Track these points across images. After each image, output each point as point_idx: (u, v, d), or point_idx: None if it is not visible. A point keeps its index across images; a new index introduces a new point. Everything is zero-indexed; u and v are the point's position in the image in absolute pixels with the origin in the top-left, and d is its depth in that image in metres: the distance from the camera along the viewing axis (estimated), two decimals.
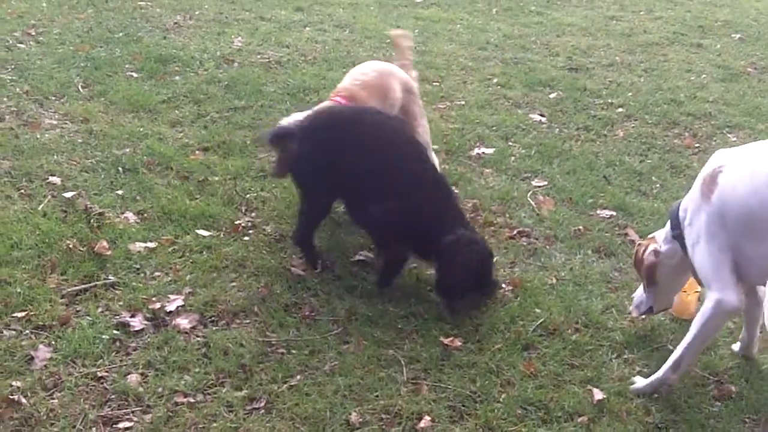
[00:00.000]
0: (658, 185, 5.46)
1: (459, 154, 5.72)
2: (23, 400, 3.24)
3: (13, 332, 3.63)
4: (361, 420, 3.30)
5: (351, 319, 3.90)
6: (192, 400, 3.33)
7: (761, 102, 7.05)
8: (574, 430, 3.35)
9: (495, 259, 4.27)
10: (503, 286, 4.25)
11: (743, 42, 8.89)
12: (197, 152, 5.42)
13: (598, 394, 3.50)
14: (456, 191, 5.13)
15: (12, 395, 3.25)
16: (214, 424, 3.22)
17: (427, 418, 3.33)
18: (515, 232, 4.76)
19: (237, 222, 4.62)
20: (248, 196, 4.93)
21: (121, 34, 7.60)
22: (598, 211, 5.07)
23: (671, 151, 5.99)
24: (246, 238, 4.51)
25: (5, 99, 5.97)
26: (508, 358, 3.72)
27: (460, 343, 3.79)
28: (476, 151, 5.78)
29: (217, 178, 5.09)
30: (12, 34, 7.34)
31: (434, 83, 7.05)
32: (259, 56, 7.35)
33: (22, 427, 3.15)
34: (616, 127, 6.37)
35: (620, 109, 6.71)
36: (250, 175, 5.18)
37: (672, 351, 3.56)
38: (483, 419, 3.35)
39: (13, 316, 3.72)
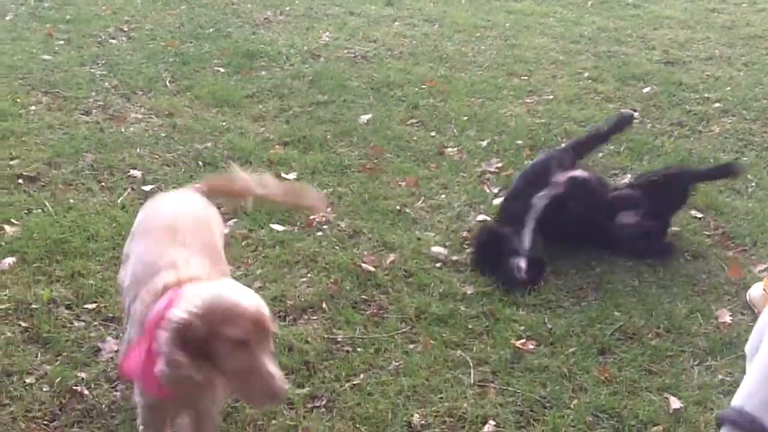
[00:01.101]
0: (753, 184, 5.18)
1: (544, 150, 5.54)
2: (86, 392, 3.26)
3: (83, 323, 3.66)
4: (423, 422, 3.20)
5: (420, 318, 3.80)
6: None
7: None
8: None
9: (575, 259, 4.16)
10: (583, 285, 4.11)
11: None
12: (277, 146, 5.41)
13: (676, 403, 3.32)
14: None
15: (76, 386, 3.27)
16: (273, 422, 3.17)
17: (492, 422, 3.21)
18: None
19: (312, 217, 4.57)
20: (325, 190, 4.88)
21: (211, 30, 7.68)
22: (689, 211, 4.83)
23: None
24: (319, 233, 4.46)
25: (93, 93, 6.08)
26: (582, 362, 3.56)
27: (532, 346, 3.65)
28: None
29: (295, 173, 5.06)
30: (105, 30, 7.49)
31: (522, 77, 6.88)
32: (345, 51, 7.31)
33: (84, 418, 3.16)
34: (711, 123, 6.09)
35: (717, 104, 6.41)
36: (328, 170, 5.13)
37: None
38: (551, 426, 3.21)
39: (84, 308, 3.76)
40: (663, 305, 3.97)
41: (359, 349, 3.59)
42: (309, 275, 4.10)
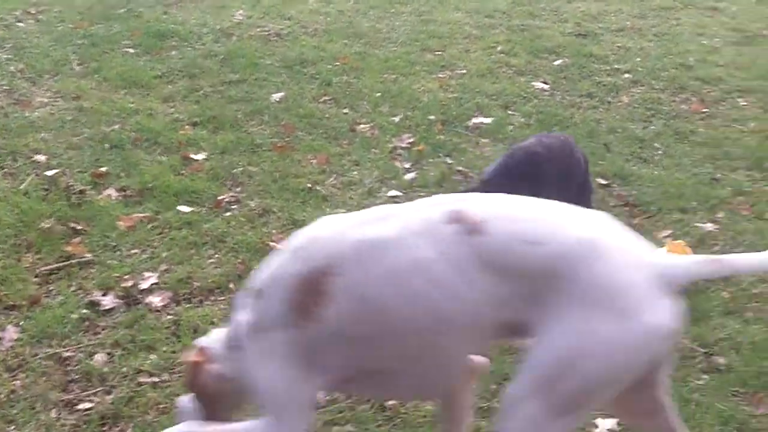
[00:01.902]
0: (660, 152, 5.28)
1: (456, 125, 5.58)
2: None
3: None
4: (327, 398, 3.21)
5: None
6: (156, 380, 3.25)
7: None
8: None
9: None
10: None
11: (762, 3, 8.61)
12: (187, 127, 5.34)
13: None
14: (450, 162, 5.04)
15: None
16: None
17: None
18: None
19: (220, 197, 4.53)
20: (234, 170, 4.84)
21: (122, 11, 7.54)
22: (596, 179, 4.90)
23: (677, 117, 5.80)
24: (228, 213, 4.42)
25: None
26: None
27: None
28: (474, 120, 5.63)
29: (205, 153, 5.01)
30: (12, 13, 7.31)
31: (436, 53, 6.90)
32: (258, 29, 7.24)
33: None
34: (621, 94, 6.19)
35: (627, 75, 6.51)
36: (239, 150, 5.08)
37: None
38: None
39: None
40: None
41: None
42: (217, 256, 4.06)
